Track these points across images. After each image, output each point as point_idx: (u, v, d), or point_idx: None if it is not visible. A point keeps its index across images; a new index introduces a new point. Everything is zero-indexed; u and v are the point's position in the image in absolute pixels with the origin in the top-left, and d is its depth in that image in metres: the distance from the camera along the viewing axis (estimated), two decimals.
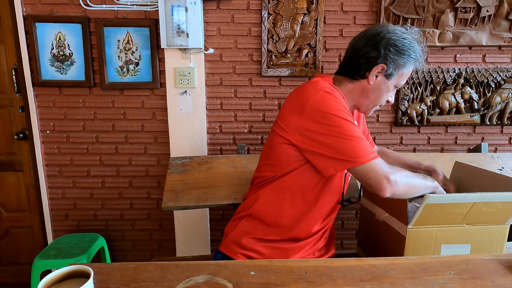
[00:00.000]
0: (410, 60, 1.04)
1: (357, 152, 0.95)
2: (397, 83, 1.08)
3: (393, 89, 1.09)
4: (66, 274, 0.66)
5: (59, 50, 1.80)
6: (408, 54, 1.03)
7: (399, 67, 1.04)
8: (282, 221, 1.10)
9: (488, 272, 0.80)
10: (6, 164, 1.97)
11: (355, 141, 0.95)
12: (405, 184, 0.98)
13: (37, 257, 1.67)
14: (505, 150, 1.99)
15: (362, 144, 0.96)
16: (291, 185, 1.08)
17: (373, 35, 1.04)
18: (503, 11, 1.78)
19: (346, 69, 1.09)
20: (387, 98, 1.10)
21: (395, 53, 1.02)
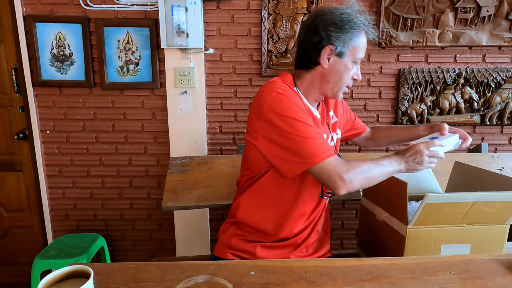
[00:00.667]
0: (355, 32, 1.01)
1: (310, 152, 0.95)
2: (354, 58, 1.05)
3: (352, 65, 1.06)
4: (66, 274, 0.66)
5: (59, 50, 1.80)
6: (350, 27, 1.01)
7: (347, 43, 1.02)
8: (266, 225, 1.11)
9: (488, 272, 0.80)
10: (6, 164, 1.97)
11: (307, 141, 0.95)
12: (361, 179, 0.96)
13: (37, 257, 1.67)
14: (505, 150, 1.99)
15: (315, 144, 0.95)
16: (266, 187, 1.09)
17: (311, 21, 1.05)
18: (503, 11, 1.78)
19: (300, 61, 1.10)
20: (352, 76, 1.08)
21: (336, 31, 1.00)
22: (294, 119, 0.96)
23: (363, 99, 1.92)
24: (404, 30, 1.80)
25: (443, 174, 1.61)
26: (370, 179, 0.98)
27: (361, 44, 1.04)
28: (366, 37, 1.05)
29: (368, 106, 1.93)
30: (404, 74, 1.87)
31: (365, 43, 1.06)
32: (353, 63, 1.05)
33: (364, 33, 1.04)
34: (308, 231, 1.14)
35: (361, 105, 1.93)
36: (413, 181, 1.50)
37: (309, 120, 0.99)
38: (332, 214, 2.04)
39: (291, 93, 1.02)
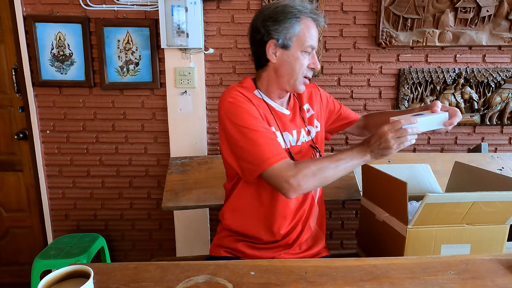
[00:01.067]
0: (292, 22, 1.00)
1: (258, 158, 0.96)
2: (302, 47, 1.02)
3: (303, 55, 1.03)
4: (66, 274, 0.66)
5: (59, 50, 1.80)
6: (285, 17, 1.00)
7: (288, 33, 1.01)
8: (251, 229, 1.11)
9: (488, 272, 0.80)
10: (6, 164, 1.97)
11: (257, 148, 0.96)
12: (312, 180, 0.94)
13: (37, 257, 1.67)
14: (505, 150, 1.99)
15: (263, 150, 0.96)
16: (245, 192, 1.10)
17: (252, 21, 1.07)
18: (503, 11, 1.78)
19: (255, 62, 1.11)
20: (306, 65, 1.04)
21: (273, 24, 1.01)
22: (244, 126, 0.98)
23: (363, 99, 1.92)
24: (404, 30, 1.80)
25: (443, 174, 1.62)
26: (324, 179, 0.95)
27: (305, 32, 1.01)
28: (311, 23, 1.03)
29: (368, 106, 1.93)
30: (404, 74, 1.87)
31: (310, 30, 1.02)
32: (303, 52, 1.02)
33: (306, 20, 1.02)
34: (298, 229, 1.13)
35: (361, 105, 1.93)
36: (413, 181, 1.50)
37: (260, 125, 0.99)
38: (332, 214, 2.04)
39: (242, 100, 1.02)
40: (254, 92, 1.08)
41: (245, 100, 1.03)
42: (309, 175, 0.93)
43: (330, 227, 2.05)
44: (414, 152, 1.98)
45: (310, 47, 1.02)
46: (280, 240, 1.11)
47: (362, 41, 1.86)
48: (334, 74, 1.89)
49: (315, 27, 1.04)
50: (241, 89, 1.06)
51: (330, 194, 1.61)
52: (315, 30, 1.04)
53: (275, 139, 1.02)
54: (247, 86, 1.09)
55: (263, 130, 0.99)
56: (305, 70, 1.05)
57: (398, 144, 0.90)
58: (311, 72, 1.07)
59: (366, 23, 1.83)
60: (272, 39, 1.02)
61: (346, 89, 1.91)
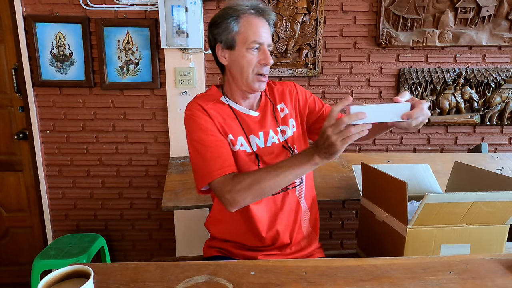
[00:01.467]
0: (230, 21, 1.01)
1: (203, 171, 0.98)
2: (247, 44, 1.00)
3: (249, 52, 1.01)
4: (66, 274, 0.66)
5: (59, 50, 1.80)
6: (224, 19, 1.02)
7: (229, 34, 1.01)
8: (237, 237, 1.11)
9: (488, 272, 0.80)
10: (6, 164, 1.97)
11: (203, 161, 0.98)
12: (247, 194, 0.92)
13: (37, 257, 1.67)
14: (505, 150, 1.99)
15: (208, 164, 0.97)
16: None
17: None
18: (503, 11, 1.78)
19: (220, 69, 1.14)
20: (255, 61, 1.01)
21: (215, 29, 1.04)
22: (195, 140, 1.01)
23: (363, 99, 1.92)
24: (404, 30, 1.80)
25: (443, 174, 1.62)
26: (261, 190, 0.92)
27: (246, 29, 1.00)
28: (253, 19, 1.01)
29: None
30: (404, 74, 1.87)
31: (252, 26, 1.00)
32: (249, 49, 1.00)
33: (246, 17, 1.00)
34: (286, 233, 1.10)
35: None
36: (413, 181, 1.50)
37: (210, 139, 1.00)
38: (332, 214, 2.04)
39: (197, 114, 1.03)
40: (220, 99, 1.08)
41: (200, 113, 1.03)
42: (244, 189, 0.92)
43: (330, 227, 2.05)
44: (414, 152, 1.98)
45: (254, 42, 1.00)
46: (271, 245, 1.09)
47: (362, 41, 1.86)
48: (334, 74, 1.89)
49: (260, 22, 1.01)
50: (201, 100, 1.06)
51: (330, 194, 1.61)
52: (260, 25, 1.01)
53: (225, 152, 0.99)
54: (211, 94, 1.10)
55: (212, 144, 0.99)
56: (256, 67, 1.02)
57: (342, 142, 0.78)
58: (265, 68, 1.03)
59: (366, 23, 1.83)
60: (217, 43, 1.05)
61: (346, 89, 1.91)
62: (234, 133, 1.05)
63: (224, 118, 1.05)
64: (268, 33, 1.03)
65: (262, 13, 1.02)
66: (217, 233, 1.16)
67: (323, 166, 1.69)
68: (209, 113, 1.03)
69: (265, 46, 1.01)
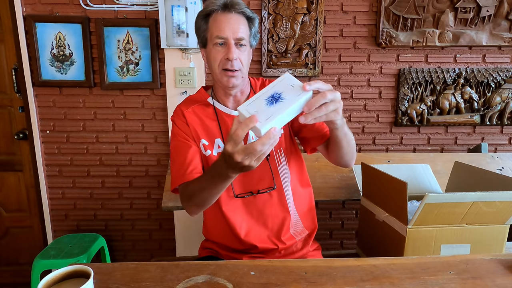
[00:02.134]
0: (201, 18, 1.02)
1: (172, 175, 1.02)
2: (212, 39, 0.99)
3: (215, 48, 0.99)
4: (66, 274, 0.66)
5: (59, 50, 1.80)
6: (197, 18, 1.04)
7: (202, 32, 1.02)
8: (217, 238, 1.12)
9: (488, 272, 0.80)
10: (6, 164, 1.97)
11: (173, 165, 1.03)
12: (191, 205, 0.95)
13: (37, 257, 1.67)
14: (505, 150, 1.99)
15: (175, 170, 1.01)
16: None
17: None
18: (503, 11, 1.78)
19: None
20: (220, 57, 0.99)
21: (195, 30, 1.06)
22: (172, 146, 1.06)
23: (363, 99, 1.92)
24: (404, 30, 1.80)
25: (443, 174, 1.62)
26: (201, 202, 0.92)
27: (213, 25, 0.99)
28: (221, 15, 0.99)
29: (368, 106, 1.93)
30: (404, 74, 1.87)
31: (217, 21, 0.99)
32: (215, 45, 0.99)
33: (215, 15, 1.00)
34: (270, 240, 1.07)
35: (361, 105, 1.93)
36: (413, 181, 1.50)
37: (181, 146, 1.03)
38: (332, 214, 2.04)
39: (176, 120, 1.07)
40: (207, 100, 1.09)
41: (177, 118, 1.07)
42: (188, 201, 0.96)
43: (330, 227, 2.05)
44: (414, 152, 1.98)
45: (217, 38, 0.98)
46: (253, 248, 1.07)
47: (362, 41, 1.86)
48: (334, 74, 1.89)
49: (225, 17, 0.99)
50: (184, 104, 1.10)
51: (330, 194, 1.62)
52: (225, 20, 0.98)
53: (189, 158, 1.00)
54: (197, 96, 1.12)
55: (180, 150, 1.03)
56: (221, 62, 0.99)
57: (258, 161, 0.68)
58: (229, 63, 0.98)
59: (366, 23, 1.83)
60: (198, 43, 1.07)
61: (346, 89, 1.91)
62: (210, 136, 1.05)
63: (202, 120, 1.06)
64: (236, 27, 0.98)
65: (230, 7, 0.99)
66: (206, 234, 1.18)
67: (323, 166, 1.69)
68: (186, 117, 1.05)
69: (230, 41, 0.97)
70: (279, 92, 0.67)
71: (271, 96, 0.67)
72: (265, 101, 0.66)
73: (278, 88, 0.68)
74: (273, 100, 0.67)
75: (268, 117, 0.64)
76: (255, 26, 1.04)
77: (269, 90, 0.68)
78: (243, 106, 0.67)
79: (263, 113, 0.64)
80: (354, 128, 1.95)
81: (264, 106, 0.66)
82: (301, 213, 1.12)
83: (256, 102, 0.67)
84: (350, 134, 0.92)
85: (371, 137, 1.97)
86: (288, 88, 0.68)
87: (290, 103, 0.65)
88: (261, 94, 0.68)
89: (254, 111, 0.65)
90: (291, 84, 0.68)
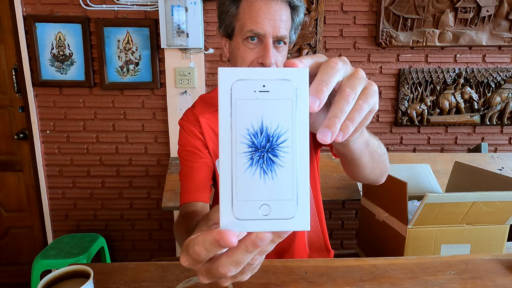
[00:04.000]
0: (229, 4, 0.79)
1: (180, 188, 0.87)
2: (243, 32, 0.78)
3: (245, 44, 0.78)
4: (66, 274, 0.66)
5: (59, 50, 1.80)
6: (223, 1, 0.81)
7: (228, 16, 0.80)
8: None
9: (488, 272, 0.80)
10: (6, 164, 1.97)
11: (181, 176, 0.88)
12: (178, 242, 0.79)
13: (37, 257, 1.67)
14: (505, 150, 1.99)
15: (183, 182, 0.87)
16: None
17: None
18: (503, 11, 1.78)
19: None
20: (251, 58, 0.79)
21: (218, 10, 0.84)
22: (180, 154, 0.90)
23: None
24: (404, 30, 1.80)
25: (443, 174, 1.62)
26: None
27: (245, 12, 0.76)
28: (259, 1, 0.76)
29: None
30: (404, 74, 1.87)
31: (252, 8, 0.76)
32: (245, 40, 0.78)
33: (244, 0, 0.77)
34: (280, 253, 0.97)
35: None
36: (413, 181, 1.50)
37: (189, 157, 0.87)
38: (332, 214, 2.04)
39: (185, 124, 0.90)
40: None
41: (190, 125, 0.89)
42: (175, 238, 0.82)
43: (330, 227, 2.05)
44: (414, 152, 1.98)
45: (250, 32, 0.76)
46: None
47: (362, 41, 1.86)
48: None
49: (265, 6, 0.75)
50: (198, 108, 0.91)
51: (330, 194, 1.62)
52: (264, 10, 0.75)
53: (195, 175, 0.86)
54: (213, 97, 0.93)
55: (190, 163, 0.87)
56: (251, 66, 0.79)
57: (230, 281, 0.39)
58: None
59: (366, 23, 1.83)
60: (221, 30, 0.84)
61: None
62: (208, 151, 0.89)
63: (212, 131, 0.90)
64: (277, 19, 0.76)
65: None
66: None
67: (323, 166, 1.69)
68: (202, 127, 0.87)
69: (268, 39, 0.76)
70: (256, 124, 0.29)
71: (252, 146, 0.29)
72: (246, 161, 0.29)
73: (244, 112, 0.29)
74: (260, 154, 0.29)
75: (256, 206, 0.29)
76: (299, 17, 0.84)
77: (234, 128, 0.29)
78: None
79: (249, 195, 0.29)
80: None
81: (250, 179, 0.29)
82: (316, 226, 1.02)
83: (240, 178, 0.29)
84: (374, 141, 0.61)
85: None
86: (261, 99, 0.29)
87: (298, 151, 0.29)
88: (228, 147, 0.29)
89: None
90: (255, 88, 0.29)
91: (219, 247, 0.30)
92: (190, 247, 0.33)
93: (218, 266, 0.32)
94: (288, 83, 0.29)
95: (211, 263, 0.33)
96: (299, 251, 0.99)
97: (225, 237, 0.29)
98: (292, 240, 0.98)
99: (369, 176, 0.67)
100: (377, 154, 0.63)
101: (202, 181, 0.85)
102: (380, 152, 0.64)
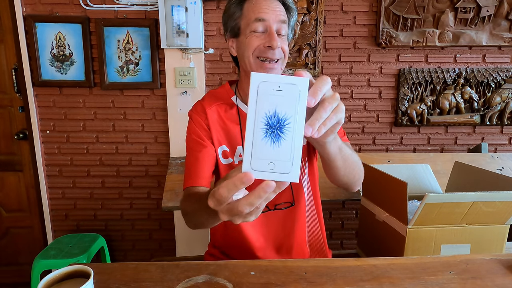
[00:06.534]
0: (234, 3, 0.90)
1: (185, 174, 0.96)
2: (251, 25, 0.86)
3: (252, 34, 0.86)
4: (66, 274, 0.66)
5: (59, 50, 1.80)
6: (229, 3, 0.92)
7: (234, 18, 0.90)
8: (229, 250, 1.04)
9: (488, 272, 0.80)
10: (6, 164, 1.97)
11: (187, 163, 0.96)
12: (186, 221, 0.87)
13: (37, 257, 1.67)
14: (505, 150, 1.99)
15: (188, 168, 0.95)
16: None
17: None
18: (503, 11, 1.78)
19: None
20: (257, 44, 0.86)
21: (224, 18, 0.94)
22: (187, 143, 0.98)
23: (363, 99, 1.92)
24: (404, 30, 1.80)
25: (443, 174, 1.62)
26: (193, 225, 0.86)
27: (249, 8, 0.87)
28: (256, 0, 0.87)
29: (368, 106, 1.93)
30: (404, 74, 1.87)
31: (251, 3, 0.87)
32: (252, 32, 0.86)
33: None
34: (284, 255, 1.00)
35: (361, 105, 1.93)
36: (413, 181, 1.50)
37: (196, 146, 0.94)
38: (332, 214, 2.04)
39: (194, 116, 0.97)
40: (231, 98, 0.97)
41: (198, 116, 0.96)
42: (184, 216, 0.88)
43: (330, 227, 2.05)
44: (414, 152, 1.98)
45: (256, 20, 0.85)
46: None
47: (362, 41, 1.86)
48: (334, 74, 1.89)
49: (266, 1, 0.87)
50: (207, 100, 0.98)
51: (330, 194, 1.61)
52: (265, 2, 0.86)
53: (200, 162, 0.93)
54: (222, 92, 1.00)
55: (195, 151, 0.94)
56: (257, 50, 0.86)
57: (241, 219, 0.50)
58: (270, 51, 0.85)
59: (366, 23, 1.83)
60: (227, 33, 0.94)
61: (346, 89, 1.91)
62: (232, 142, 0.95)
63: (225, 123, 0.95)
64: (276, 11, 0.86)
65: None
66: (217, 243, 1.10)
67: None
68: (209, 117, 0.94)
69: (272, 25, 0.85)
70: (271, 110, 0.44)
71: (267, 124, 0.44)
72: (263, 134, 0.44)
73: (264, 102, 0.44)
74: (272, 130, 0.44)
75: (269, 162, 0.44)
76: (293, 18, 0.93)
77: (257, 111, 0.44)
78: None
79: (263, 157, 0.44)
80: (354, 128, 1.95)
81: (264, 145, 0.44)
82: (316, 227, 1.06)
83: (257, 143, 0.44)
84: (347, 149, 0.72)
85: (371, 137, 1.97)
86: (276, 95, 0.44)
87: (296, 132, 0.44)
88: (252, 123, 0.44)
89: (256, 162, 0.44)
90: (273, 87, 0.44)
91: (241, 184, 0.44)
92: (215, 191, 0.47)
93: (238, 205, 0.46)
94: (295, 86, 0.43)
95: (231, 204, 0.47)
96: (299, 251, 1.01)
97: (248, 175, 0.43)
98: (292, 240, 1.00)
99: (343, 179, 0.80)
100: (350, 161, 0.75)
101: (205, 169, 0.94)
102: (353, 160, 0.77)
